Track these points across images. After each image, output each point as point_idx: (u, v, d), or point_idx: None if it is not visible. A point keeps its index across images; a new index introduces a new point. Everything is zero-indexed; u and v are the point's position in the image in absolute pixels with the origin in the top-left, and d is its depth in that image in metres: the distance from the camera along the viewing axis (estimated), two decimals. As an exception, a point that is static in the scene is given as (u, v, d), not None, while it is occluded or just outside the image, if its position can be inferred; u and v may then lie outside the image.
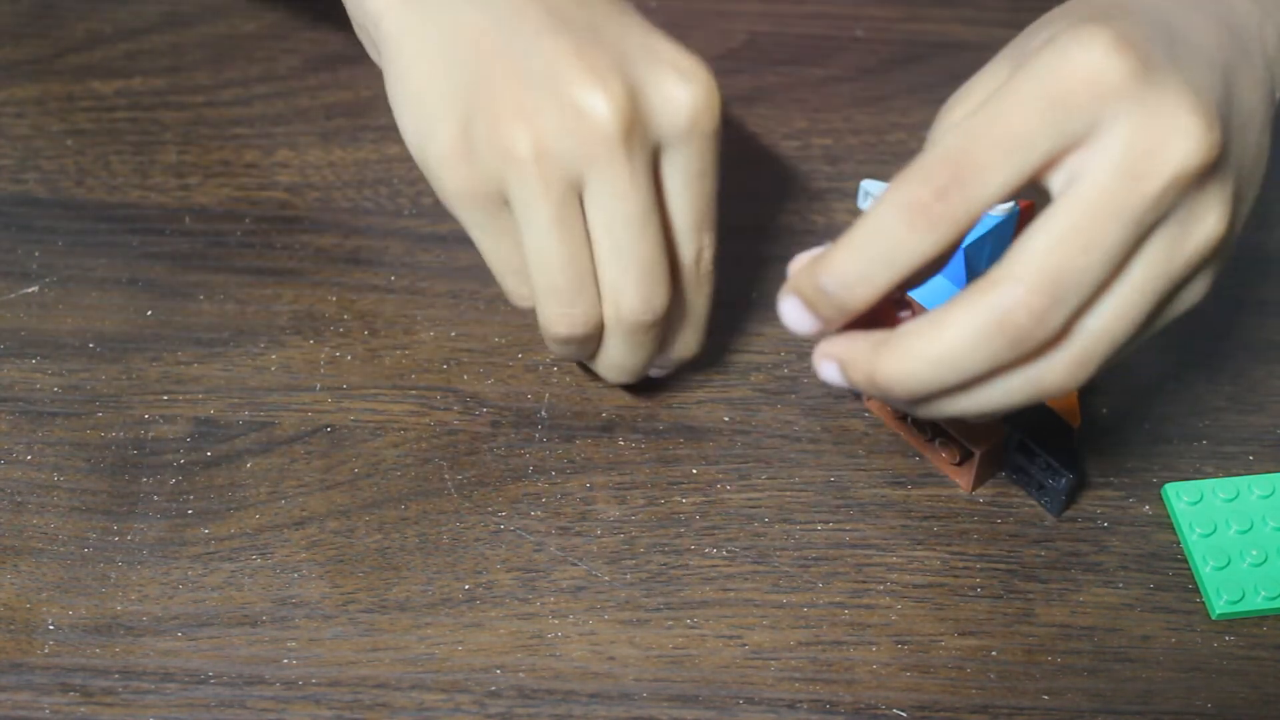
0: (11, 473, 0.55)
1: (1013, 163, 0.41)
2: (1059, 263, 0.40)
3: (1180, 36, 0.44)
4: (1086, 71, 0.41)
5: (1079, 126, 0.41)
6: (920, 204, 0.40)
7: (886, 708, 0.50)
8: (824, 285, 0.42)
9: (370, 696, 0.49)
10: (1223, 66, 0.44)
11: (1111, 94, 0.40)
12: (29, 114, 0.66)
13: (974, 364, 0.41)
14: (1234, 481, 0.54)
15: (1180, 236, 0.42)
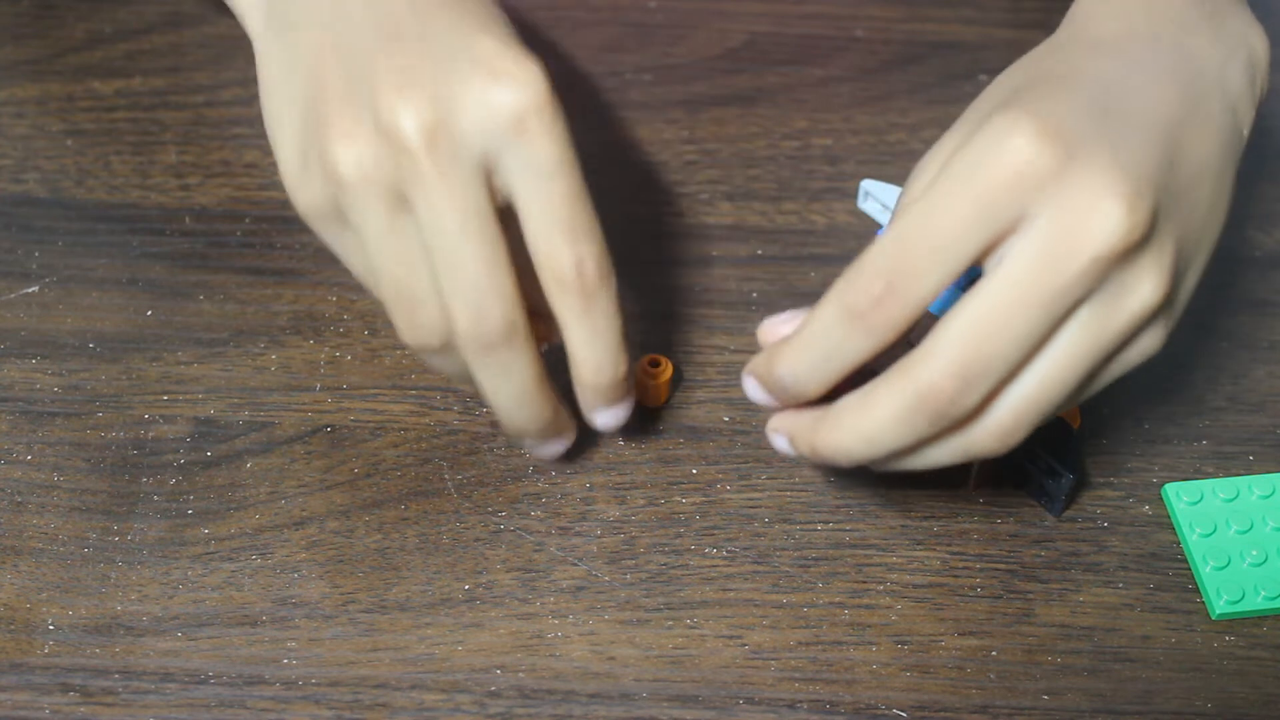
0: (11, 473, 0.55)
1: (944, 265, 0.42)
2: (974, 346, 0.42)
3: (1119, 104, 0.45)
4: (1011, 166, 0.42)
5: (1006, 218, 0.42)
6: (859, 311, 0.43)
7: (886, 708, 0.50)
8: (777, 377, 0.45)
9: (370, 696, 0.49)
10: (1166, 128, 0.45)
11: (1036, 184, 0.42)
12: (29, 114, 0.66)
13: (900, 439, 0.44)
14: (1234, 481, 0.54)
15: (1110, 308, 0.43)
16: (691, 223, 0.63)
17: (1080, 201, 0.42)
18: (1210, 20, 0.50)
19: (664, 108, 0.67)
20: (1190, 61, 0.48)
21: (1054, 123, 0.42)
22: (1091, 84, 0.45)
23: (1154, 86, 0.46)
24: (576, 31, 0.70)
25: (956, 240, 0.42)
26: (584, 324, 0.47)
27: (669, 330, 0.59)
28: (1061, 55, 0.48)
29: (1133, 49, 0.48)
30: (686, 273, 0.61)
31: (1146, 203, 0.42)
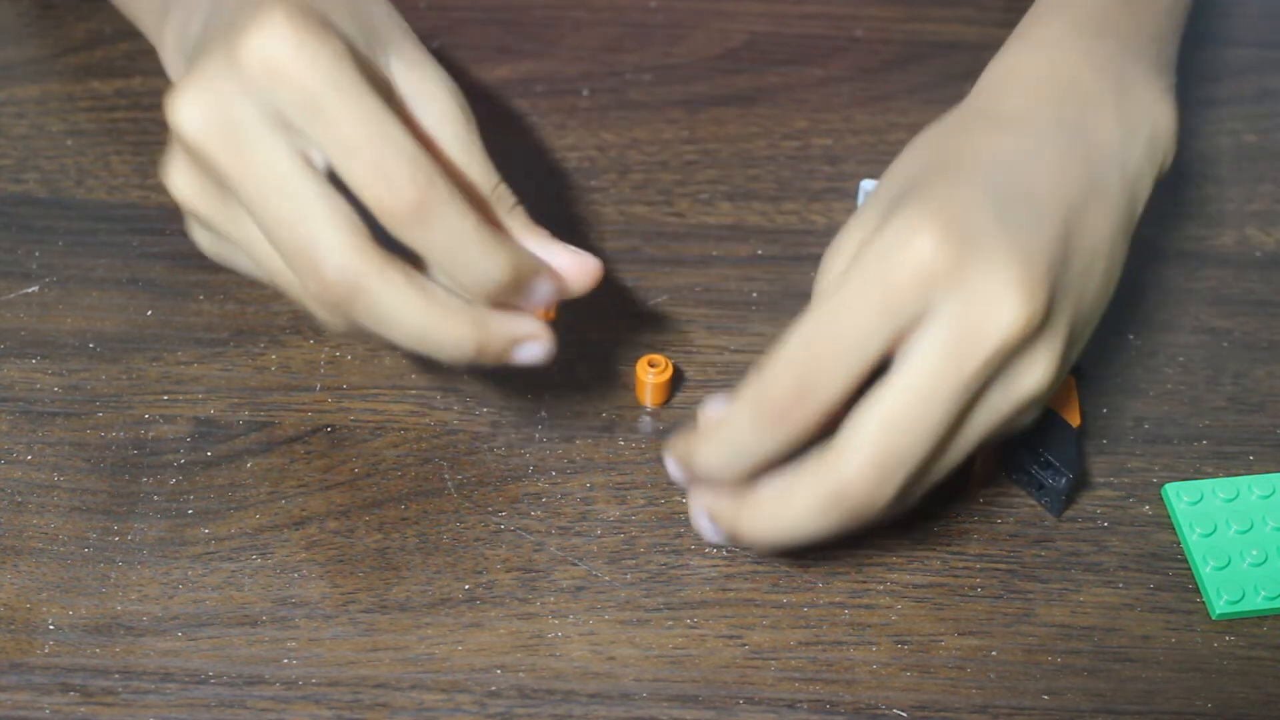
0: (11, 473, 0.55)
1: (852, 365, 0.43)
2: (889, 443, 0.43)
3: (1019, 189, 0.46)
4: (913, 265, 0.43)
5: (910, 315, 0.43)
6: (771, 414, 0.43)
7: (886, 708, 0.50)
8: (695, 466, 0.46)
9: (370, 696, 0.49)
10: (1065, 212, 0.46)
11: (937, 281, 0.43)
12: (29, 114, 0.66)
13: (819, 531, 0.45)
14: (1234, 481, 0.54)
15: (1006, 392, 0.45)
16: (691, 223, 0.63)
17: (980, 296, 0.43)
18: (1116, 95, 0.50)
19: (664, 108, 0.67)
20: (1090, 142, 0.49)
21: (953, 219, 0.44)
22: (992, 169, 0.47)
23: (1055, 169, 0.47)
24: (576, 31, 0.70)
25: (863, 340, 0.43)
26: (432, 247, 0.45)
27: (669, 330, 0.59)
28: (965, 134, 0.49)
29: (1034, 129, 0.49)
30: (686, 273, 0.61)
31: (1043, 292, 0.44)
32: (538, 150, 0.65)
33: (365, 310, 0.45)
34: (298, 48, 0.43)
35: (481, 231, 0.45)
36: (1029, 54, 0.51)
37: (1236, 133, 0.67)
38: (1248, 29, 0.72)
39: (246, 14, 0.44)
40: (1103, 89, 0.50)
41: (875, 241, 0.44)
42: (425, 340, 0.46)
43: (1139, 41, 0.53)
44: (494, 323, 0.47)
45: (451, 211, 0.44)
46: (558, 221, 0.62)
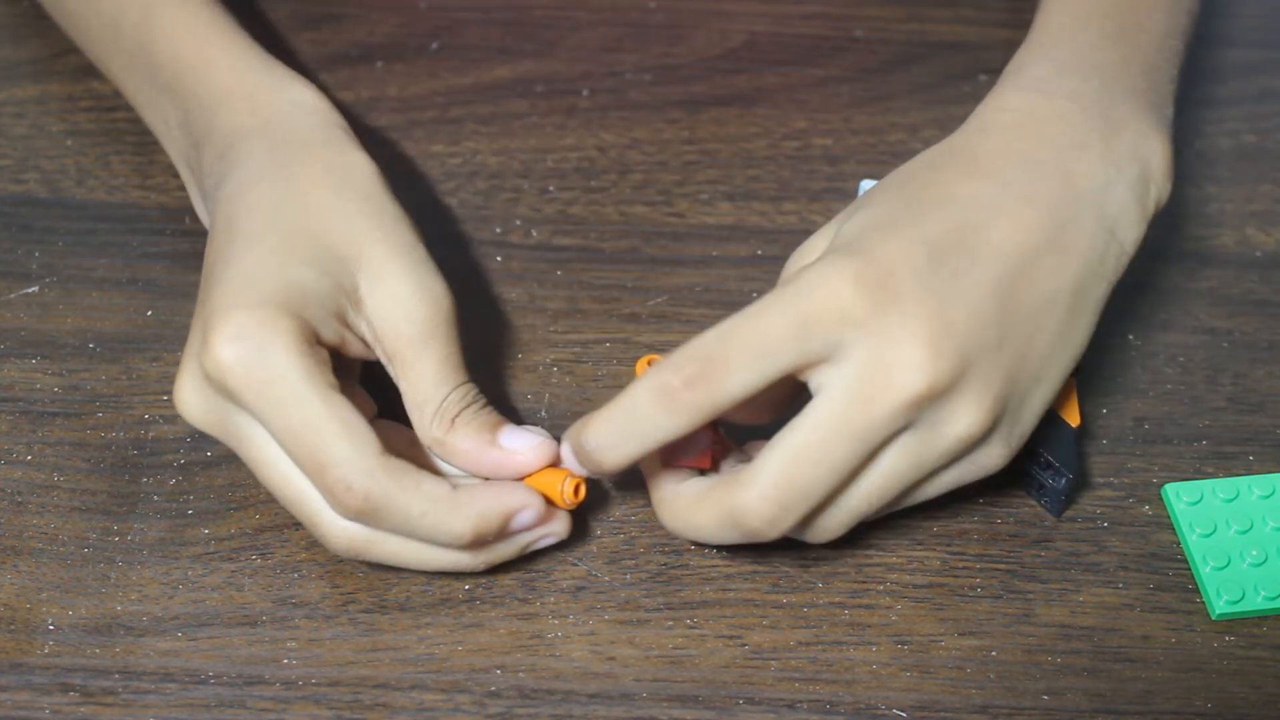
0: (11, 473, 0.55)
1: (757, 368, 0.45)
2: (790, 478, 0.46)
3: (962, 240, 0.47)
4: (829, 304, 0.45)
5: (821, 346, 0.45)
6: (669, 390, 0.45)
7: (886, 708, 0.50)
8: (584, 444, 0.47)
9: (370, 696, 0.49)
10: (1014, 260, 0.48)
11: (850, 323, 0.45)
12: (29, 114, 0.66)
13: (719, 540, 0.48)
14: (1234, 481, 0.54)
15: (928, 437, 0.46)
16: (691, 223, 0.63)
17: (888, 347, 0.45)
18: (1103, 135, 0.51)
19: (664, 108, 0.67)
20: (1067, 184, 0.49)
21: (878, 271, 0.46)
22: (948, 215, 0.48)
23: (1012, 216, 0.48)
24: (576, 31, 0.70)
25: (771, 350, 0.45)
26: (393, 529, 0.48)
27: (669, 330, 0.59)
28: (934, 173, 0.50)
29: (1004, 173, 0.49)
30: (686, 273, 0.61)
31: (953, 352, 0.46)
32: (538, 150, 0.65)
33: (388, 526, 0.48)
34: (242, 363, 0.46)
35: (432, 511, 0.47)
36: (1018, 94, 0.52)
37: (1236, 133, 0.67)
38: (1248, 29, 0.72)
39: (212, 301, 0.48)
40: (1088, 130, 0.51)
41: (808, 271, 0.46)
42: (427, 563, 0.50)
43: (1129, 78, 0.53)
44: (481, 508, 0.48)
45: (396, 504, 0.47)
46: (558, 221, 0.63)
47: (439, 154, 0.65)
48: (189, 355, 0.49)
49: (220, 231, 0.51)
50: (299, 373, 0.46)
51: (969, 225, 0.48)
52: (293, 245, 0.49)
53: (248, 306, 0.47)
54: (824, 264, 0.46)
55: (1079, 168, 0.50)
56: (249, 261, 0.49)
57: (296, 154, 0.52)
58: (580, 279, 0.61)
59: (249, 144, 0.53)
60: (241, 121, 0.54)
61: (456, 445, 0.49)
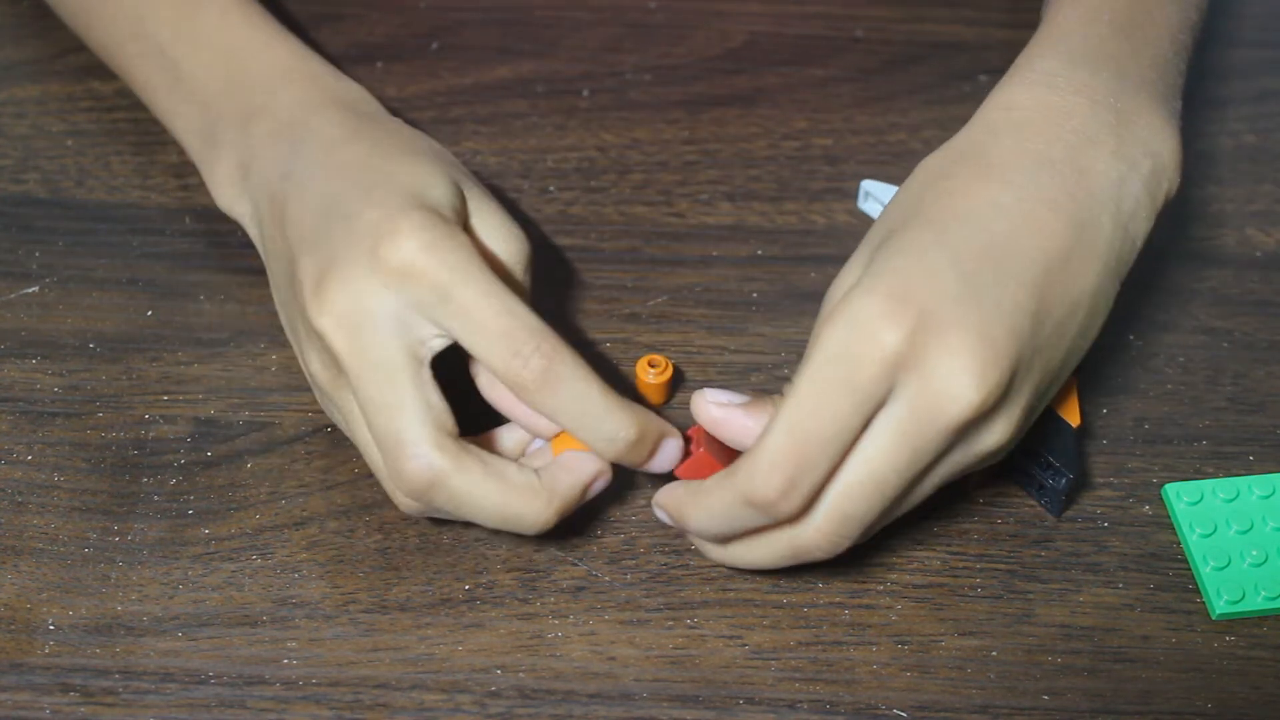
0: (11, 473, 0.55)
1: (834, 452, 0.46)
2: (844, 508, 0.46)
3: (990, 252, 0.47)
4: (876, 359, 0.45)
5: (878, 399, 0.46)
6: (764, 503, 0.46)
7: (886, 708, 0.50)
8: (685, 524, 0.49)
9: (370, 696, 0.49)
10: (1043, 267, 0.47)
11: (900, 366, 0.45)
12: (29, 114, 0.66)
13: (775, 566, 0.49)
14: (1234, 481, 0.54)
15: (964, 453, 0.47)
16: (691, 223, 0.63)
17: (937, 378, 0.45)
18: (1115, 129, 0.50)
19: (664, 108, 0.67)
20: (1083, 183, 0.49)
21: (912, 301, 0.45)
22: (970, 227, 0.47)
23: (1036, 221, 0.48)
24: (576, 31, 0.70)
25: (841, 433, 0.46)
26: (562, 411, 0.48)
27: (669, 330, 0.59)
28: (950, 180, 0.49)
29: (1021, 174, 0.49)
30: (686, 273, 0.61)
31: (1000, 371, 0.46)
32: (538, 150, 0.65)
33: (444, 499, 0.48)
34: (430, 250, 0.47)
35: (606, 395, 0.48)
36: (1024, 89, 0.51)
37: (1236, 133, 0.67)
38: (1248, 29, 0.72)
39: (373, 215, 0.48)
40: (1099, 125, 0.50)
41: (836, 325, 0.46)
42: (504, 521, 0.49)
43: (1139, 70, 0.53)
44: (562, 491, 0.49)
45: (577, 377, 0.48)
46: (558, 221, 0.63)
47: (439, 154, 0.65)
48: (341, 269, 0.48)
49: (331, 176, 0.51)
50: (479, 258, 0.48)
51: (994, 238, 0.47)
52: (418, 181, 0.50)
53: (422, 210, 0.48)
54: (855, 317, 0.46)
55: (1094, 165, 0.49)
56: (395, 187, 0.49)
57: (374, 124, 0.54)
58: (580, 279, 0.61)
59: (324, 114, 0.54)
60: (311, 96, 0.55)
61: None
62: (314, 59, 0.57)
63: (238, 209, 0.56)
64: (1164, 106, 0.52)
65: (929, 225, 0.48)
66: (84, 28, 0.63)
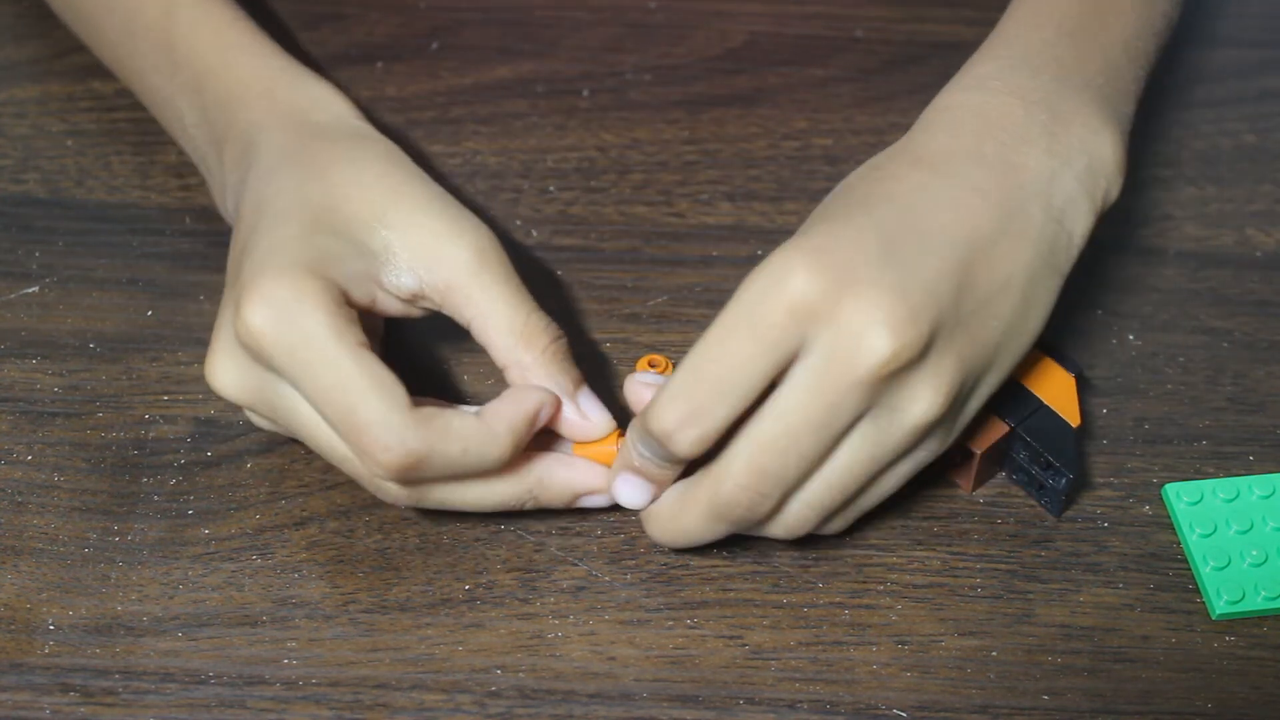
0: (11, 473, 0.55)
1: (733, 397, 0.46)
2: (762, 465, 0.47)
3: (918, 225, 0.48)
4: (786, 302, 0.45)
5: (787, 349, 0.46)
6: (662, 432, 0.47)
7: (886, 708, 0.50)
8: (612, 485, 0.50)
9: (370, 696, 0.49)
10: (965, 247, 0.48)
11: (810, 316, 0.45)
12: (29, 114, 0.66)
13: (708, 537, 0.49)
14: (1234, 481, 0.54)
15: (887, 422, 0.47)
16: (691, 223, 0.63)
17: (850, 329, 0.45)
18: (1047, 131, 0.51)
19: (664, 108, 0.67)
20: (1012, 175, 0.50)
21: (829, 257, 0.46)
22: (892, 206, 0.48)
23: (961, 205, 0.49)
24: (576, 31, 0.70)
25: (742, 376, 0.46)
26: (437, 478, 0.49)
27: (669, 330, 0.59)
28: (881, 171, 0.50)
29: (952, 165, 0.50)
30: (686, 273, 0.61)
31: (918, 327, 0.46)
32: (538, 150, 0.65)
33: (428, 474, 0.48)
34: (274, 326, 0.47)
35: (470, 445, 0.48)
36: (961, 93, 0.53)
37: (1236, 133, 0.67)
38: (1248, 29, 0.72)
39: (244, 273, 0.49)
40: (1032, 125, 0.51)
41: (754, 276, 0.46)
42: (466, 469, 0.49)
43: (1083, 74, 0.53)
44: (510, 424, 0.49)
45: (435, 452, 0.48)
46: (558, 221, 0.63)
47: (439, 154, 0.65)
48: (221, 328, 0.50)
49: (247, 217, 0.52)
50: (328, 331, 0.47)
51: (919, 213, 0.48)
52: (317, 218, 0.50)
53: (275, 272, 0.48)
54: (769, 266, 0.46)
55: (1024, 161, 0.50)
56: (276, 236, 0.50)
57: (315, 141, 0.53)
58: (580, 279, 0.61)
59: (268, 136, 0.54)
60: (260, 117, 0.55)
61: (541, 373, 0.51)
62: (273, 69, 0.57)
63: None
64: (1105, 108, 0.53)
65: (857, 204, 0.49)
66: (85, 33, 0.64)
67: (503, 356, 0.51)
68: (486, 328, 0.51)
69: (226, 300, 0.50)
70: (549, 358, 0.51)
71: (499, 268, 0.51)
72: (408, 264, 0.51)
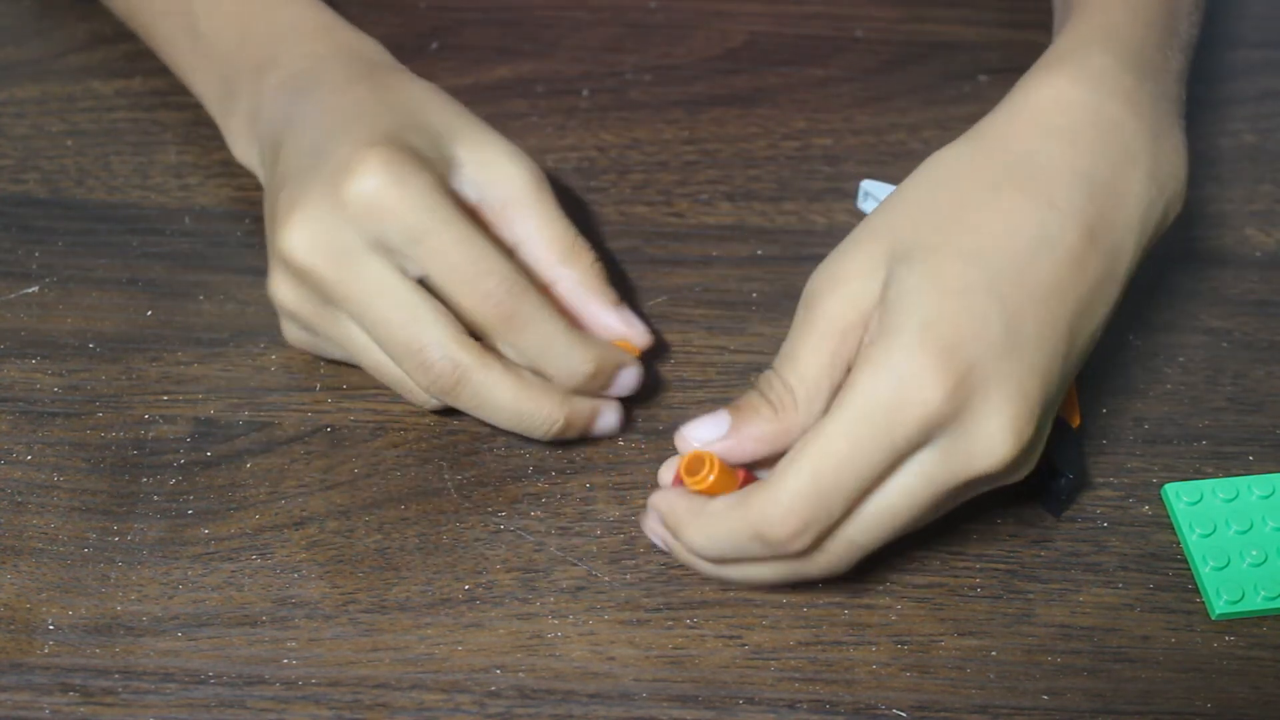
0: (11, 473, 0.55)
1: (852, 500, 0.45)
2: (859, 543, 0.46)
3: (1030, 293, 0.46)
4: (919, 417, 0.44)
5: (913, 451, 0.45)
6: (774, 543, 0.45)
7: (886, 708, 0.50)
8: (679, 540, 0.48)
9: (370, 696, 0.49)
10: (1076, 307, 0.47)
11: (940, 426, 0.44)
12: (29, 114, 0.66)
13: (741, 553, 0.47)
14: (1234, 481, 0.54)
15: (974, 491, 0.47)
16: (691, 223, 0.63)
17: (973, 436, 0.45)
18: (1151, 149, 0.49)
19: (664, 108, 0.67)
20: (1120, 209, 0.48)
21: (960, 363, 0.44)
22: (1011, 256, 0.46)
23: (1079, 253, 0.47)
24: (576, 31, 0.70)
25: (867, 481, 0.45)
26: (527, 347, 0.51)
27: (669, 330, 0.59)
28: (981, 187, 0.47)
29: (1067, 196, 0.47)
30: (686, 273, 0.61)
31: (1034, 426, 0.46)
32: (538, 150, 0.65)
33: (469, 395, 0.51)
34: (396, 186, 0.49)
35: (567, 333, 0.51)
36: (1078, 88, 0.49)
37: (1236, 133, 0.67)
38: (1248, 29, 0.72)
39: (343, 151, 0.50)
40: (1140, 143, 0.49)
41: (883, 378, 0.44)
42: (519, 419, 0.51)
43: (1169, 84, 0.52)
44: (576, 400, 0.52)
45: (540, 317, 0.50)
46: (558, 221, 0.63)
47: (439, 154, 0.65)
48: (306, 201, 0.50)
49: (322, 122, 0.52)
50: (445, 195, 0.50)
51: (1039, 275, 0.46)
52: (401, 120, 0.52)
53: (391, 148, 0.50)
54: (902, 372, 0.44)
55: (1130, 188, 0.48)
56: (370, 126, 0.51)
57: (380, 70, 0.56)
58: (580, 279, 0.61)
59: (332, 64, 0.56)
60: (321, 49, 0.56)
61: (589, 285, 0.53)
62: (327, 12, 0.59)
63: (248, 157, 0.58)
64: (1181, 123, 0.52)
65: (976, 256, 0.46)
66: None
67: (550, 271, 0.53)
68: (538, 243, 0.53)
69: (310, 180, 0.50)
70: (594, 273, 0.53)
71: (549, 194, 0.54)
72: (471, 177, 0.53)
